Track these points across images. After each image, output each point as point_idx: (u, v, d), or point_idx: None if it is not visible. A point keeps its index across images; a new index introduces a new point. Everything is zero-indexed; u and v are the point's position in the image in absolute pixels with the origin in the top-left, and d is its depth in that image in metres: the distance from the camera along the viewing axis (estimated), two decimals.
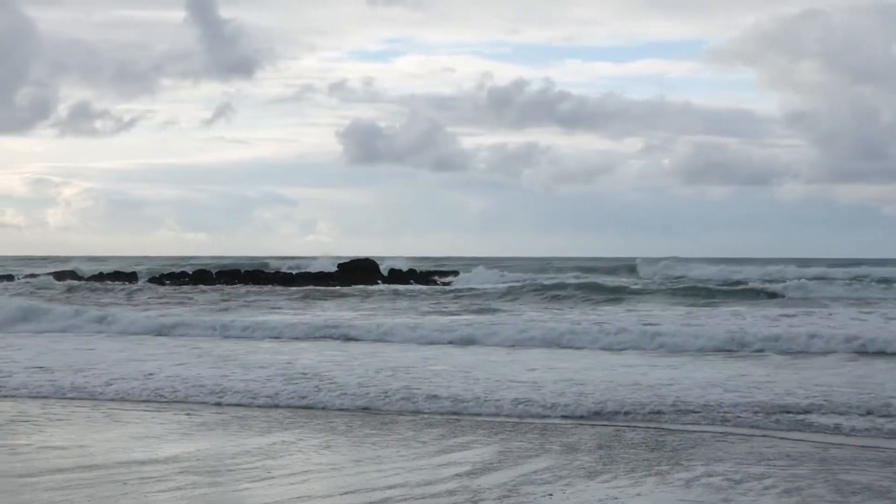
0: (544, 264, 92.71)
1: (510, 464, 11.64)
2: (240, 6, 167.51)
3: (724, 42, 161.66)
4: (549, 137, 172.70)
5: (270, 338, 27.49)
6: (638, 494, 10.28)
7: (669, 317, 32.44)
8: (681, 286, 49.49)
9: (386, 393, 16.91)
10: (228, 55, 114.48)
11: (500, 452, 12.27)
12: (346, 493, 10.24)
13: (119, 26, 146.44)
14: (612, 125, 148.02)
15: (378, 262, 65.58)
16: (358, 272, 62.13)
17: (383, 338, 26.92)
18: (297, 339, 27.27)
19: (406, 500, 9.95)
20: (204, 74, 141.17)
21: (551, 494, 10.20)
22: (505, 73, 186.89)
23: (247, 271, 64.27)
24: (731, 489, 10.48)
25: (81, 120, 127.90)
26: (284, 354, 23.18)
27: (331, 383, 18.00)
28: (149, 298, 45.64)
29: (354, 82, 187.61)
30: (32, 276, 63.06)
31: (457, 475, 11.03)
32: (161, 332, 29.01)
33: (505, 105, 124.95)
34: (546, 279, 56.16)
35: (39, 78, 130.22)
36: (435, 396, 16.58)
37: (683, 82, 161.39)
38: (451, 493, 10.24)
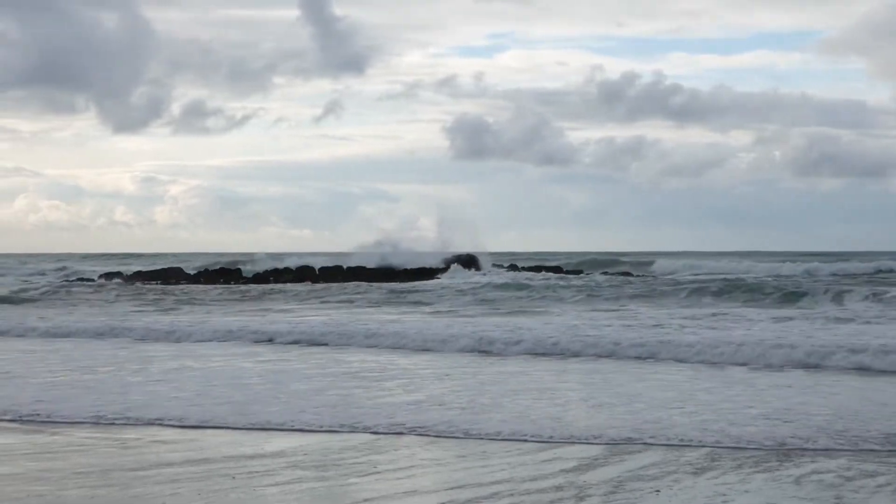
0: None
1: (616, 460, 11.54)
2: (349, 3, 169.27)
3: (836, 32, 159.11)
4: (657, 131, 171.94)
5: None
6: (746, 491, 10.13)
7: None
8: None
9: None
10: (340, 52, 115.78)
11: (606, 448, 12.17)
12: (451, 488, 10.24)
13: (233, 25, 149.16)
14: (722, 118, 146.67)
15: (478, 258, 65.42)
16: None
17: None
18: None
19: (512, 495, 9.92)
20: (316, 72, 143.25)
21: (658, 491, 10.09)
22: (612, 67, 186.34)
23: (349, 267, 64.55)
24: (843, 486, 10.27)
25: (194, 118, 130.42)
26: (379, 355, 23.26)
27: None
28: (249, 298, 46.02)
29: (459, 78, 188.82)
30: (108, 275, 62.42)
31: (563, 471, 10.97)
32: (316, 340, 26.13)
33: (615, 98, 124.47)
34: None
35: (155, 77, 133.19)
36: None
37: (794, 73, 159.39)
38: (557, 488, 10.19)
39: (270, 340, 25.51)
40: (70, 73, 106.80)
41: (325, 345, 24.58)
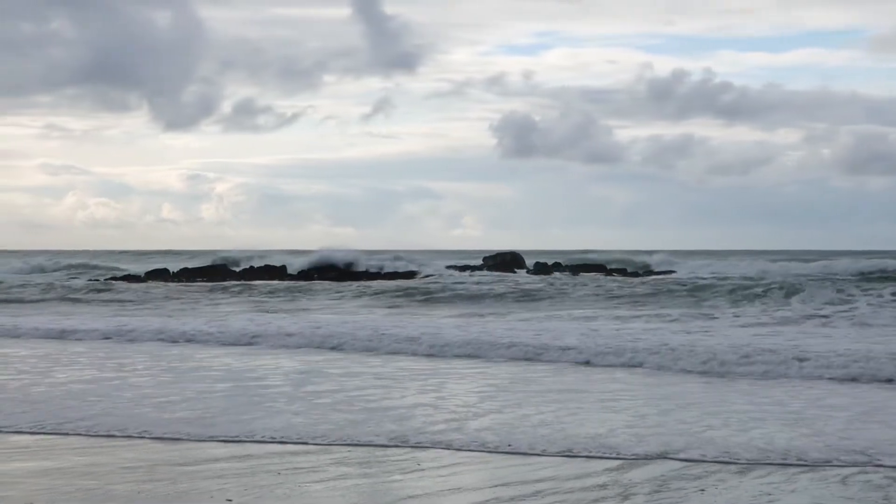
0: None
1: (661, 458, 11.50)
2: (397, 2, 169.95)
3: (886, 30, 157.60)
4: (705, 129, 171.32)
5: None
6: (793, 491, 10.07)
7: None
8: None
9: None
10: (391, 51, 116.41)
11: (651, 447, 12.12)
12: (495, 485, 10.25)
13: (283, 23, 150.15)
14: (771, 116, 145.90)
15: (524, 256, 65.37)
16: (502, 266, 62.13)
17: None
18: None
19: (556, 493, 9.92)
20: (366, 70, 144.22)
21: (703, 490, 10.05)
22: (661, 65, 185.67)
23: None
24: (891, 486, 10.19)
25: (244, 116, 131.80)
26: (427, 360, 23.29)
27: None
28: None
29: (507, 76, 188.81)
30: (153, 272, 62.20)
31: (607, 469, 10.95)
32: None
33: (664, 96, 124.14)
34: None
35: (206, 75, 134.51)
36: None
37: (843, 71, 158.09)
38: (601, 486, 10.17)
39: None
40: (123, 71, 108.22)
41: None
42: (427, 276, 54.83)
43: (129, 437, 12.76)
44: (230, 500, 9.54)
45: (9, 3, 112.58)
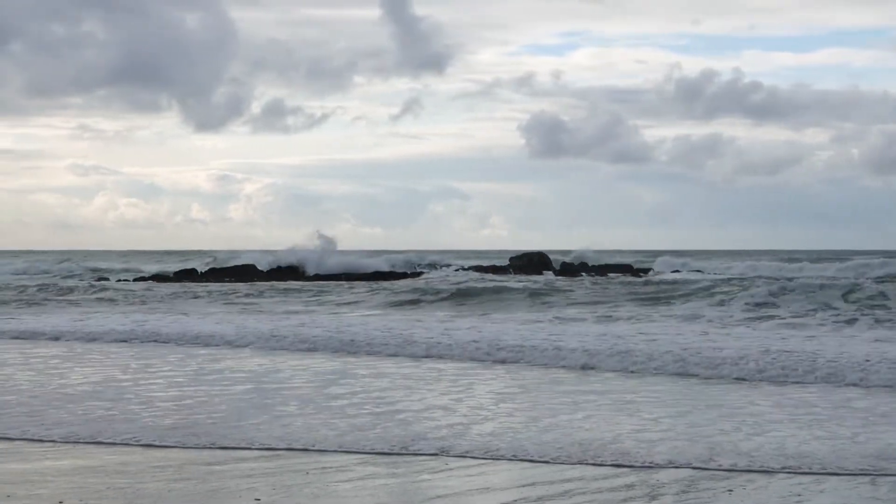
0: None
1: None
2: (426, 3, 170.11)
3: None
4: (733, 129, 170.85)
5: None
6: (822, 492, 10.05)
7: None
8: None
9: None
10: (421, 51, 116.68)
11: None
12: (523, 485, 10.26)
13: (314, 24, 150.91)
14: (801, 116, 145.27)
15: (550, 256, 65.20)
16: (530, 266, 62.03)
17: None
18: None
19: (584, 493, 9.93)
20: (395, 71, 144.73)
21: (731, 490, 10.04)
22: (688, 65, 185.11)
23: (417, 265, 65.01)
24: None
25: (273, 117, 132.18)
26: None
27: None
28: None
29: (535, 77, 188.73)
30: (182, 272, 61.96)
31: (634, 468, 10.94)
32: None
33: (693, 96, 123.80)
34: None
35: (236, 76, 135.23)
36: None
37: (870, 71, 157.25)
38: (628, 486, 10.17)
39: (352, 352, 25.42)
40: (154, 72, 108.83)
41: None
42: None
43: (165, 446, 12.79)
44: (258, 500, 9.59)
45: (42, 6, 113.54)
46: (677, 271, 64.20)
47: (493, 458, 11.45)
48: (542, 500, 9.67)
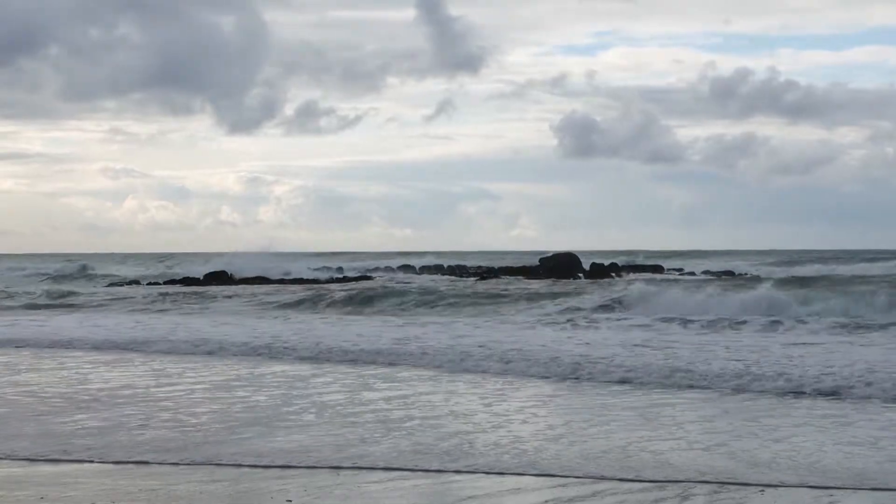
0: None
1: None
2: (459, 3, 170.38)
3: None
4: (767, 128, 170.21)
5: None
6: (855, 492, 9.98)
7: None
8: None
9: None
10: (456, 52, 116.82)
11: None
12: (555, 486, 10.21)
13: (347, 26, 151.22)
14: (836, 115, 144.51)
15: (581, 257, 64.99)
16: (558, 267, 61.81)
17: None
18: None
19: (615, 493, 9.89)
20: (429, 72, 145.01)
21: (762, 490, 9.99)
22: (722, 64, 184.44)
23: (449, 266, 65.03)
24: None
25: (306, 119, 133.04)
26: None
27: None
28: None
29: (569, 77, 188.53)
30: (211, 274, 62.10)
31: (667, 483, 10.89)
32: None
33: (727, 95, 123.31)
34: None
35: (269, 78, 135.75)
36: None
37: None
38: (660, 487, 10.13)
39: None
40: (188, 75, 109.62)
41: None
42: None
43: (196, 464, 12.83)
44: (290, 501, 9.60)
45: (77, 10, 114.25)
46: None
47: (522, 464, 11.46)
48: (573, 500, 9.64)
